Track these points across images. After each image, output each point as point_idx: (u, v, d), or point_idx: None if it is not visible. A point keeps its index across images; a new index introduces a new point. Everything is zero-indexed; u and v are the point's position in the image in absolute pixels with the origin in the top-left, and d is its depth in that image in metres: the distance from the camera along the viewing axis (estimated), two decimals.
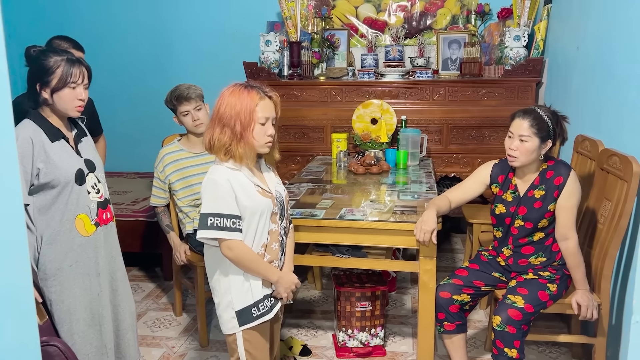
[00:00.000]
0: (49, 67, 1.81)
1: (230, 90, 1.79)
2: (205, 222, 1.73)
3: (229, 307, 1.81)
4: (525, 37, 3.54)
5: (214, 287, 1.88)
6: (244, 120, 1.74)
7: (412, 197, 2.61)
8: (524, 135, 2.13)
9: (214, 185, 1.75)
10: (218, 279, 1.85)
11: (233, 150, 1.76)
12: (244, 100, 1.75)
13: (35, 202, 1.83)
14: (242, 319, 1.81)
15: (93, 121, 2.93)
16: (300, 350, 2.67)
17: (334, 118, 3.67)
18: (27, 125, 1.82)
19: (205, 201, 1.76)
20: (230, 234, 1.73)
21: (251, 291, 1.81)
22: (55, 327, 1.90)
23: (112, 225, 2.05)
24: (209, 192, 1.76)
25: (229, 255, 1.75)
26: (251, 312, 1.81)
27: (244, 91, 1.77)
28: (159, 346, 2.81)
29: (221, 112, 1.76)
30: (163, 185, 2.81)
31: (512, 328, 2.08)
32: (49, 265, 1.85)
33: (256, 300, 1.82)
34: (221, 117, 1.76)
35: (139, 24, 4.46)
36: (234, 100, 1.76)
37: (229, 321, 1.82)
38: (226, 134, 1.75)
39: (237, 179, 1.77)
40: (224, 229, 1.72)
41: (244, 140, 1.76)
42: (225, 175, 1.76)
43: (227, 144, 1.76)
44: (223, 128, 1.76)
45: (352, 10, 4.15)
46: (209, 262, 1.89)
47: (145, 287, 3.53)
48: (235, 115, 1.74)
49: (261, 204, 1.80)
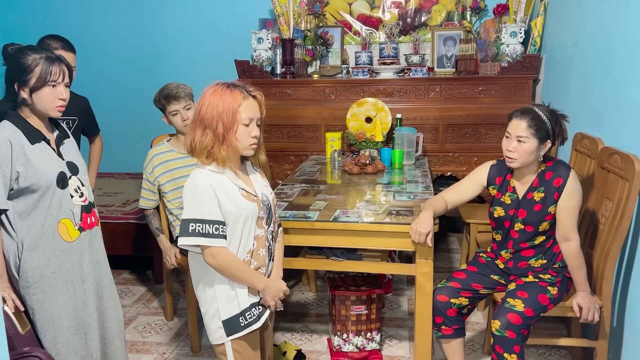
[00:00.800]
0: (27, 66, 1.73)
1: (212, 90, 1.71)
2: (186, 229, 1.66)
3: (216, 317, 1.74)
4: (521, 33, 3.49)
5: (199, 296, 1.81)
6: (226, 121, 1.66)
7: (408, 197, 2.54)
8: (521, 136, 2.06)
9: (195, 190, 1.67)
10: (203, 287, 1.78)
11: (215, 153, 1.69)
12: (226, 100, 1.67)
13: (15, 207, 1.76)
14: (229, 329, 1.73)
15: (89, 121, 2.85)
16: (294, 355, 2.60)
17: (328, 117, 3.61)
18: (5, 127, 1.74)
19: (186, 206, 1.69)
20: (213, 241, 1.66)
21: (237, 300, 1.74)
22: (38, 337, 1.82)
23: (97, 230, 1.98)
24: (190, 197, 1.69)
25: (212, 263, 1.68)
26: (239, 321, 1.74)
27: (226, 91, 1.69)
28: (149, 352, 2.74)
29: (202, 113, 1.69)
30: (152, 187, 2.73)
31: (512, 333, 2.02)
32: (30, 272, 1.78)
33: (243, 309, 1.74)
34: (202, 118, 1.68)
35: (129, 22, 4.38)
36: (216, 101, 1.68)
37: (216, 331, 1.75)
38: (208, 136, 1.68)
39: (219, 183, 1.70)
40: (206, 236, 1.65)
41: (227, 142, 1.68)
42: (207, 179, 1.69)
43: (209, 147, 1.69)
44: (205, 130, 1.68)
45: (346, 7, 4.08)
46: (193, 270, 1.82)
47: (136, 291, 3.46)
48: (217, 117, 1.67)
49: (246, 208, 1.72)
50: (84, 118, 2.78)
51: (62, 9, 4.46)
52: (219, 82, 1.74)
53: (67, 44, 2.59)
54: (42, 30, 4.31)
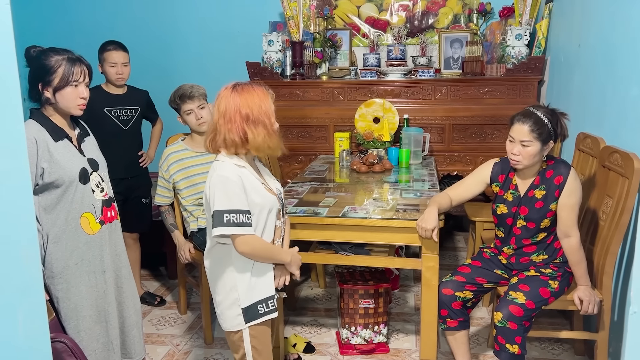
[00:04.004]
0: (51, 67, 1.83)
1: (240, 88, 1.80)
2: (220, 219, 1.72)
3: (235, 305, 1.82)
4: (527, 36, 3.55)
5: (217, 285, 1.88)
6: (269, 114, 1.81)
7: (414, 195, 2.62)
8: (525, 141, 2.12)
9: (226, 182, 1.75)
10: (223, 277, 1.85)
11: (267, 144, 1.80)
12: (260, 94, 1.80)
13: (40, 201, 1.85)
14: (248, 316, 1.82)
15: (150, 110, 3.29)
16: (304, 347, 2.69)
17: (336, 117, 3.69)
18: (30, 125, 1.84)
19: (218, 198, 1.74)
20: (246, 229, 1.74)
21: (258, 288, 1.84)
22: (62, 324, 1.92)
23: (116, 223, 2.07)
24: (220, 189, 1.75)
25: (245, 250, 1.76)
26: (257, 309, 1.83)
27: (253, 86, 1.81)
28: (164, 344, 2.84)
29: (246, 111, 1.77)
30: (167, 184, 2.83)
31: (514, 324, 2.09)
32: (55, 263, 1.87)
33: (263, 297, 1.84)
34: (247, 116, 1.77)
35: (142, 25, 4.47)
36: (253, 97, 1.79)
37: (234, 318, 1.83)
38: (260, 132, 1.78)
39: (245, 176, 1.79)
40: (240, 225, 1.73)
41: (275, 132, 1.83)
42: (235, 171, 1.77)
43: (264, 141, 1.79)
44: (256, 126, 1.78)
45: (354, 10, 4.16)
46: (213, 261, 1.89)
47: (149, 286, 3.55)
48: (264, 110, 1.79)
49: (270, 200, 1.84)
50: (145, 108, 3.23)
51: (75, 8, 4.54)
52: (235, 83, 1.83)
53: (118, 44, 3.05)
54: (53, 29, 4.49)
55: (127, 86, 3.14)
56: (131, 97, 3.14)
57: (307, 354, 2.68)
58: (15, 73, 0.89)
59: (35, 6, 4.60)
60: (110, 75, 3.01)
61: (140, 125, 3.22)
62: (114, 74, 3.00)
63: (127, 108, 3.10)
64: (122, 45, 3.07)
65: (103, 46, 3.04)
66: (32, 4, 4.60)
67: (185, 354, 2.74)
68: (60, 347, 1.74)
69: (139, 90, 3.23)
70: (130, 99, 3.13)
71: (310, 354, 2.68)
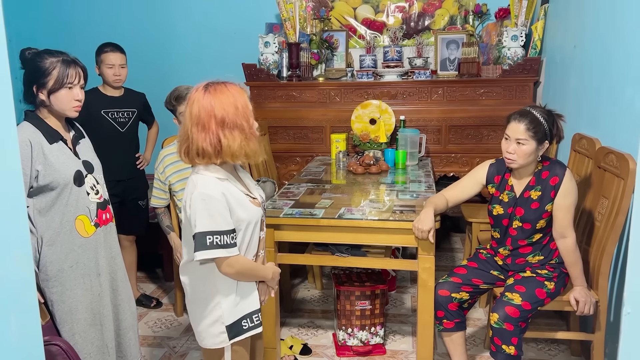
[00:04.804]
0: (45, 69, 1.82)
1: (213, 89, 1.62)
2: (203, 242, 1.58)
3: (218, 323, 1.70)
4: (522, 37, 3.56)
5: (198, 303, 1.73)
6: (247, 115, 1.63)
7: (411, 196, 2.62)
8: (520, 139, 2.13)
9: (209, 200, 1.59)
10: (205, 295, 1.71)
11: (245, 151, 1.62)
12: (236, 94, 1.62)
13: (35, 204, 1.84)
14: (233, 332, 1.71)
15: (146, 112, 3.30)
16: (300, 349, 2.68)
17: (333, 119, 3.69)
18: (25, 128, 1.83)
19: (200, 218, 1.59)
20: (231, 251, 1.61)
21: (242, 304, 1.73)
22: (56, 327, 1.91)
23: (111, 226, 2.06)
24: (202, 209, 1.59)
25: (229, 272, 1.64)
26: (241, 324, 1.72)
27: (227, 86, 1.63)
28: (160, 346, 2.83)
29: (221, 114, 1.59)
30: (163, 186, 2.82)
31: (510, 325, 2.09)
32: (49, 266, 1.86)
33: (247, 312, 1.74)
34: (222, 120, 1.59)
35: (138, 26, 4.46)
36: (228, 98, 1.61)
37: (217, 336, 1.71)
38: (236, 137, 1.60)
39: (229, 190, 1.64)
40: (224, 247, 1.60)
41: (254, 135, 1.65)
42: (218, 188, 1.61)
43: (240, 147, 1.61)
44: (232, 131, 1.60)
45: (351, 12, 4.17)
46: (193, 279, 1.74)
47: (146, 288, 3.54)
48: (241, 112, 1.61)
49: (255, 214, 1.71)
50: (141, 110, 3.23)
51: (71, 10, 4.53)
52: (207, 83, 1.65)
53: (116, 46, 3.06)
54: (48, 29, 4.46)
55: (124, 88, 3.15)
56: (128, 99, 3.15)
57: (303, 355, 2.68)
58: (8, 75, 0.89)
59: (31, 8, 4.58)
60: (108, 77, 3.01)
61: (137, 128, 3.22)
62: (111, 76, 3.00)
63: (124, 110, 3.11)
64: (119, 47, 3.07)
65: (100, 48, 3.04)
66: (27, 6, 4.58)
67: (182, 356, 2.73)
68: (55, 350, 1.73)
69: (136, 92, 3.23)
70: (128, 101, 3.14)
71: (306, 356, 2.68)
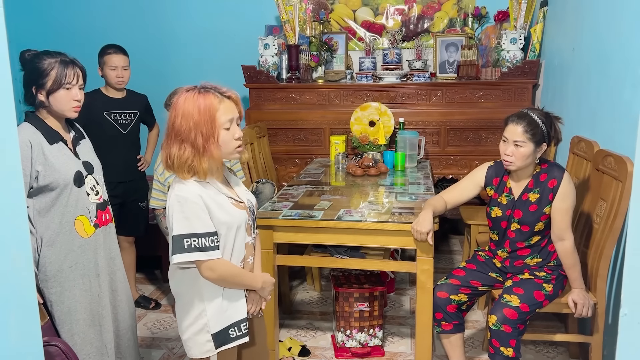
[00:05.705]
0: (43, 70, 1.83)
1: (183, 99, 1.58)
2: (180, 245, 1.54)
3: (204, 331, 1.65)
4: (521, 40, 3.57)
5: (183, 310, 1.68)
6: (205, 131, 1.54)
7: (409, 198, 2.63)
8: (518, 141, 2.13)
9: (185, 202, 1.55)
10: (190, 302, 1.66)
11: (196, 166, 1.57)
12: (201, 107, 1.55)
13: (34, 204, 1.84)
14: (219, 341, 1.66)
15: (148, 114, 3.31)
16: (299, 350, 2.69)
17: (332, 121, 3.70)
18: (25, 128, 1.83)
19: (176, 221, 1.56)
20: (211, 254, 1.56)
21: (229, 312, 1.68)
22: (55, 328, 1.91)
23: (111, 227, 2.06)
24: (179, 212, 1.56)
25: (211, 276, 1.59)
26: (229, 332, 1.67)
27: (199, 97, 1.56)
28: (159, 347, 2.83)
29: (177, 125, 1.56)
30: (162, 187, 2.82)
31: (508, 327, 2.10)
32: (49, 266, 1.87)
33: (235, 320, 1.69)
34: (178, 132, 1.56)
35: (138, 28, 4.47)
36: (190, 109, 1.55)
37: (204, 345, 1.65)
38: (186, 150, 1.56)
39: (208, 193, 1.60)
40: (203, 250, 1.55)
41: (208, 153, 1.56)
42: (195, 191, 1.57)
43: (190, 161, 1.56)
44: (182, 144, 1.56)
45: (350, 14, 4.18)
46: (177, 285, 1.71)
47: (144, 290, 3.54)
48: (194, 127, 1.54)
49: (238, 217, 1.65)
50: (143, 112, 3.24)
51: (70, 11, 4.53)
52: (189, 88, 1.61)
53: (119, 48, 3.08)
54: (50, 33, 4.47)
55: (127, 90, 3.16)
56: (130, 101, 3.16)
57: (302, 357, 2.68)
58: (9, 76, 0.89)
59: (32, 10, 4.59)
60: (111, 78, 3.02)
61: (138, 129, 3.23)
62: (114, 78, 3.01)
63: (126, 112, 3.12)
64: (122, 48, 3.09)
65: (103, 50, 3.06)
66: (27, 8, 4.59)
67: (180, 357, 2.73)
68: (53, 351, 1.72)
69: (138, 94, 3.25)
70: (130, 102, 3.15)
71: (305, 358, 2.68)
